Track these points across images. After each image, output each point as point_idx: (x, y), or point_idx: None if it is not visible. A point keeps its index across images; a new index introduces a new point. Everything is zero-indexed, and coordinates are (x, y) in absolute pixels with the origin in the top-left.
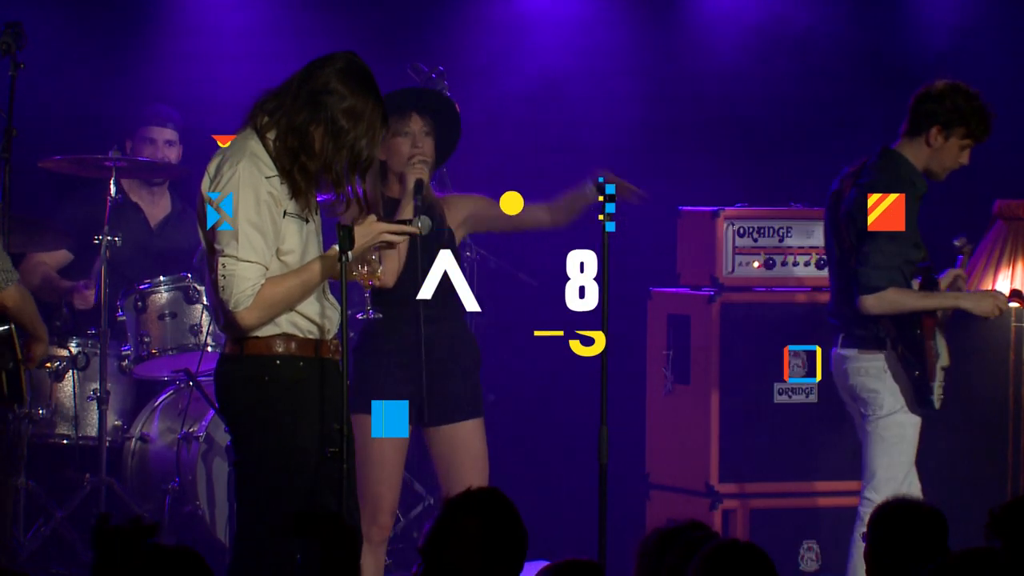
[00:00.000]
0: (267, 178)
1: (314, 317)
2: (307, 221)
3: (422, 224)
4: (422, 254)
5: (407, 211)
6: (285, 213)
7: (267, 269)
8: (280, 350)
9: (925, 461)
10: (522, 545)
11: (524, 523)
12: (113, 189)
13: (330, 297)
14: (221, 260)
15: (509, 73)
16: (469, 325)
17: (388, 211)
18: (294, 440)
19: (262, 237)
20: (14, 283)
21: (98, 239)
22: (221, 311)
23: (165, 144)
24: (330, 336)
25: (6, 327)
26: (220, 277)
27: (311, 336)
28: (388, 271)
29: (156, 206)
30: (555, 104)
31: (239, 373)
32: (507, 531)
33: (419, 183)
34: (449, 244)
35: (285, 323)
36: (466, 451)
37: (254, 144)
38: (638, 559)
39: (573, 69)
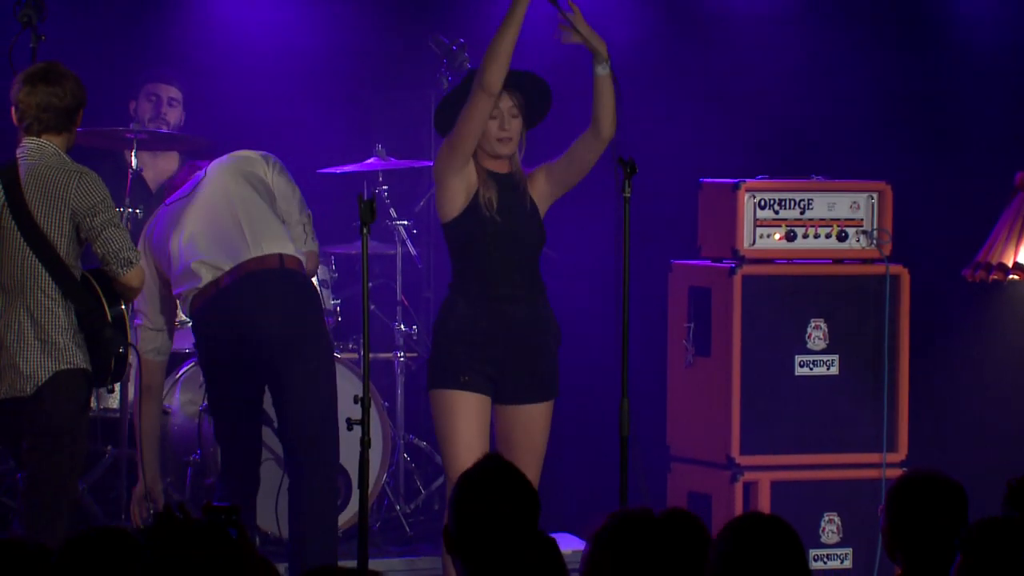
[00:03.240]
0: None
1: None
2: None
3: None
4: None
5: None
6: None
7: None
8: None
9: (943, 436)
10: (531, 505)
11: (533, 487)
12: (135, 162)
13: None
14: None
15: (529, 45)
16: (549, 304)
17: (502, 185)
18: None
19: None
20: (138, 263)
21: (119, 211)
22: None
23: (169, 102)
24: None
25: (120, 308)
26: (310, 222)
27: None
28: None
29: (156, 169)
30: (577, 77)
31: (310, 283)
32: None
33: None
34: (533, 218)
35: None
36: (524, 432)
37: None
38: (592, 543)
39: None
